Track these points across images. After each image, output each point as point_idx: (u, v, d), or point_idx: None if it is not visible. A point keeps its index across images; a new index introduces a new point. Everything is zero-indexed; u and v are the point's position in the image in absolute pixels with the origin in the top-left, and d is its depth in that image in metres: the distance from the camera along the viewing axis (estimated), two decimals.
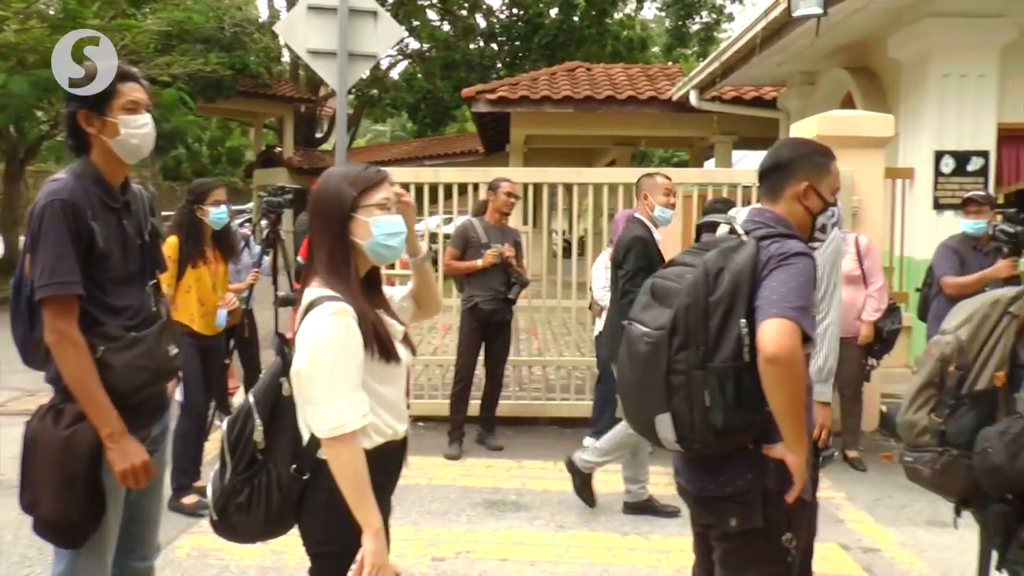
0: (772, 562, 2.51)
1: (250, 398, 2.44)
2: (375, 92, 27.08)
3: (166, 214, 7.91)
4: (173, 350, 2.85)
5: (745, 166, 14.53)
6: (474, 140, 22.51)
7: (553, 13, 24.55)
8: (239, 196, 28.97)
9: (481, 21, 26.66)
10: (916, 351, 7.99)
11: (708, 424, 2.38)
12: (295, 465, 2.35)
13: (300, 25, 7.11)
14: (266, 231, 6.81)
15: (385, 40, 7.42)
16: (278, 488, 2.36)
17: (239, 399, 2.54)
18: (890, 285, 7.20)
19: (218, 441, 2.50)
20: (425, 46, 27.03)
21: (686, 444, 2.45)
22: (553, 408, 7.54)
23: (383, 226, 2.42)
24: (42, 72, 12.47)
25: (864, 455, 6.47)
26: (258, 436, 2.38)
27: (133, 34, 14.76)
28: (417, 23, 25.90)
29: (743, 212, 2.76)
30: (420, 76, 27.34)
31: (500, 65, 25.46)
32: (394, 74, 28.84)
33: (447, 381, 7.27)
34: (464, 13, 26.73)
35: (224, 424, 2.47)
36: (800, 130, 7.46)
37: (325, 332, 2.27)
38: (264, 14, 26.86)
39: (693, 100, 13.50)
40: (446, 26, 27.10)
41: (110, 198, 2.76)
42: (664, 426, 2.45)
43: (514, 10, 25.34)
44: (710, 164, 18.03)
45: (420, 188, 7.43)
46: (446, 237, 7.23)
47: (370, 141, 43.70)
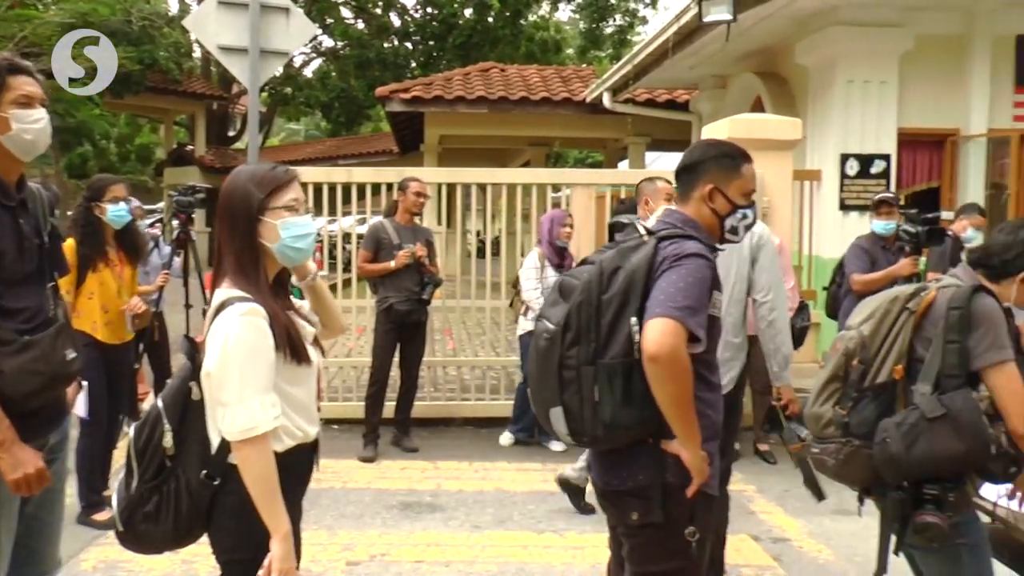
0: (675, 556, 2.56)
1: (159, 403, 2.38)
2: (288, 90, 26.67)
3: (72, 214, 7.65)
4: (70, 354, 2.71)
5: (659, 167, 14.73)
6: (389, 140, 22.35)
7: (468, 13, 24.53)
8: (149, 195, 28.21)
9: (395, 20, 26.48)
10: (824, 347, 8.21)
11: (597, 419, 2.44)
12: (205, 471, 2.30)
13: (210, 20, 6.95)
14: (177, 232, 6.63)
15: (297, 37, 7.32)
16: (188, 495, 2.31)
17: (149, 405, 2.46)
18: (799, 283, 7.39)
19: (126, 449, 2.43)
20: (339, 44, 26.72)
21: (577, 437, 2.52)
22: (468, 408, 7.53)
23: (291, 228, 2.39)
24: None
25: (774, 448, 6.64)
26: (167, 442, 2.32)
27: (34, 25, 14.24)
28: (331, 20, 25.55)
29: (657, 212, 2.81)
30: (334, 74, 27.03)
31: (414, 64, 25.34)
32: (308, 72, 28.46)
33: (362, 383, 7.20)
34: (378, 11, 26.51)
35: (131, 431, 2.40)
36: (711, 132, 7.60)
37: (236, 333, 2.24)
38: (174, 8, 26.22)
39: (607, 102, 13.63)
40: (360, 24, 26.84)
41: (4, 196, 2.63)
42: (557, 419, 2.51)
43: (428, 9, 25.23)
44: (624, 165, 18.22)
45: (333, 188, 7.36)
46: (359, 238, 7.16)
47: (284, 140, 43.00)
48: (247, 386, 2.22)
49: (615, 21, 26.34)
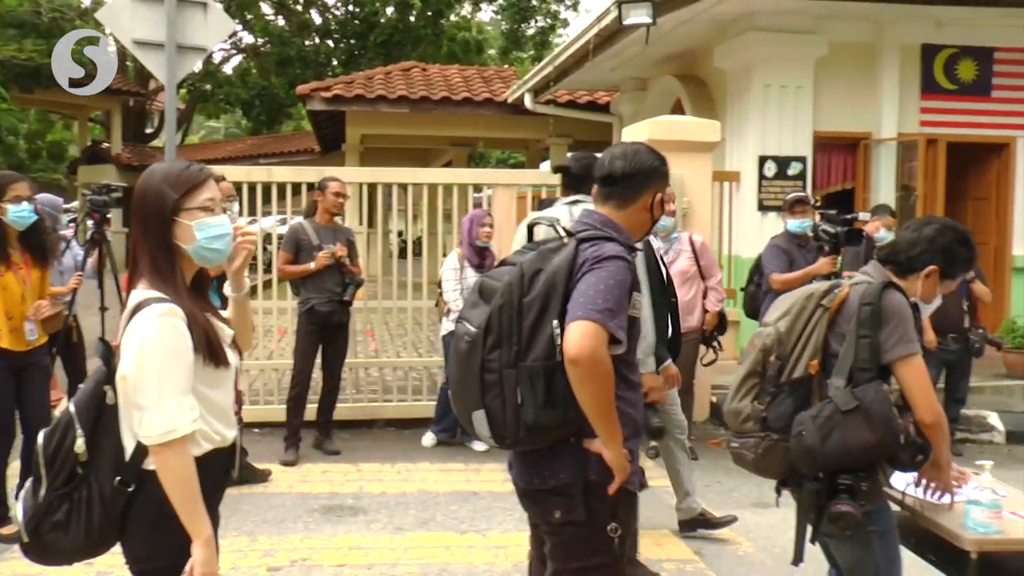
0: (598, 552, 2.58)
1: (71, 407, 2.31)
2: (208, 87, 26.12)
3: None
4: None
5: None
6: (310, 139, 22.07)
7: (389, 12, 24.38)
8: (63, 194, 27.28)
9: (317, 17, 26.18)
10: (743, 345, 8.38)
11: (520, 421, 2.44)
12: (119, 477, 2.24)
13: (125, 13, 6.75)
14: (91, 232, 6.44)
15: (216, 33, 7.17)
16: (100, 503, 2.24)
17: (60, 410, 2.38)
18: None
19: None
20: (259, 41, 26.30)
21: (500, 440, 2.52)
22: (391, 409, 7.49)
23: (207, 229, 2.34)
24: None
25: (695, 444, 6.73)
26: (79, 448, 2.25)
27: None
28: (251, 16, 25.13)
29: (573, 212, 2.81)
30: (255, 72, 26.58)
31: (336, 63, 25.07)
32: (227, 69, 27.94)
33: (283, 386, 7.10)
34: (299, 8, 26.17)
35: (40, 437, 2.32)
36: (631, 134, 7.69)
37: (153, 334, 2.19)
38: (87, 0, 25.45)
39: (528, 103, 13.69)
40: (281, 21, 26.46)
41: None
42: (479, 422, 2.51)
43: (350, 7, 25.01)
44: (546, 166, 18.30)
45: (253, 187, 7.24)
46: (280, 238, 7.06)
47: (204, 138, 42.12)
48: (165, 388, 2.17)
49: (537, 22, 26.49)
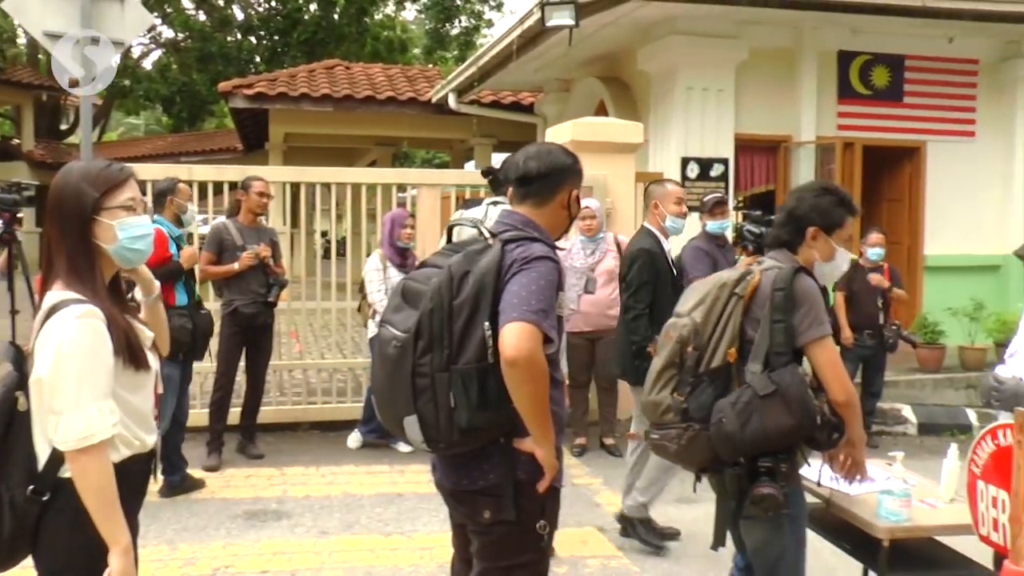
0: (526, 550, 2.60)
1: None
2: (127, 82, 25.47)
3: None
4: None
5: None
6: (233, 137, 21.71)
7: (312, 9, 24.11)
8: None
9: (239, 13, 25.75)
10: None
11: (453, 424, 2.44)
12: (32, 486, 2.18)
13: (34, 4, 6.52)
14: (0, 232, 6.22)
15: (133, 27, 6.97)
16: (12, 514, 2.18)
17: None
18: None
19: None
20: (180, 36, 25.75)
21: (433, 444, 2.51)
22: (315, 412, 7.42)
23: (129, 229, 2.30)
24: None
25: (620, 442, 6.83)
26: None
27: None
28: (171, 10, 24.59)
29: (493, 213, 2.82)
30: (175, 67, 26.03)
31: (259, 60, 24.70)
32: (147, 64, 27.29)
33: (206, 389, 6.97)
34: (221, 3, 25.70)
35: None
36: (555, 135, 7.74)
37: (71, 336, 2.13)
38: None
39: (452, 103, 13.66)
40: (202, 16, 25.94)
41: None
42: (411, 428, 2.49)
43: (272, 3, 24.66)
44: (470, 166, 18.32)
45: None
46: (202, 238, 6.92)
47: (122, 135, 40.92)
48: (84, 391, 2.12)
49: (461, 22, 26.45)
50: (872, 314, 7.26)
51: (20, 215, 6.10)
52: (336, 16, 23.91)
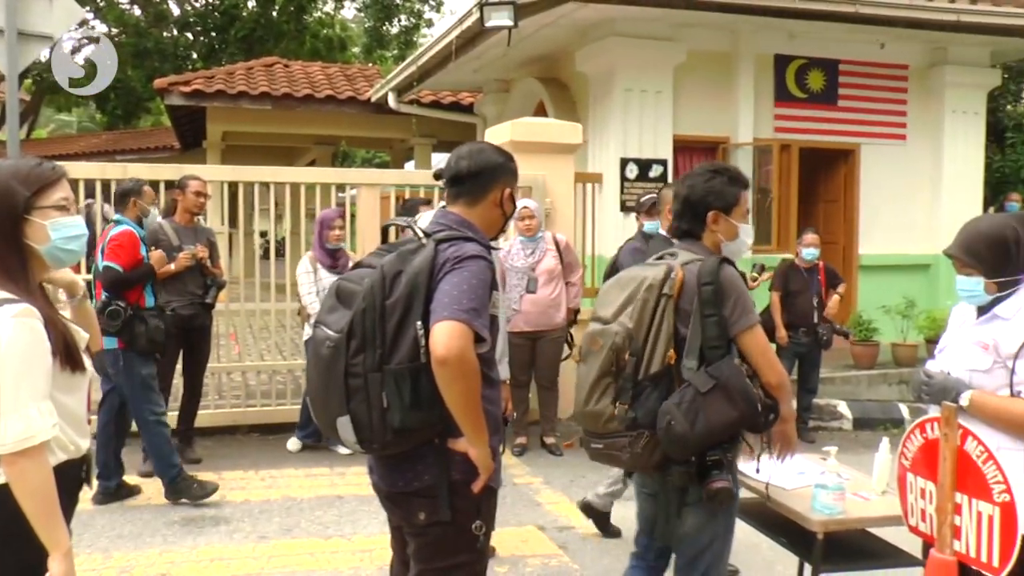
0: (463, 550, 2.60)
1: None
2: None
3: None
4: None
5: None
6: (170, 135, 21.29)
7: (251, 5, 23.78)
8: None
9: (175, 8, 25.28)
10: None
11: (386, 425, 2.43)
12: None
13: None
14: None
15: (62, 20, 6.79)
16: None
17: None
18: (583, 282, 7.67)
19: None
20: (113, 31, 25.17)
21: (366, 445, 2.50)
22: (254, 415, 7.33)
23: (62, 229, 2.26)
24: None
25: (560, 441, 6.86)
26: None
27: None
28: (104, 4, 24.04)
29: (428, 214, 2.82)
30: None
31: (196, 56, 24.27)
32: (79, 59, 26.64)
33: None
34: None
35: None
36: (494, 135, 7.75)
37: (8, 335, 2.08)
38: None
39: (392, 102, 13.59)
40: (137, 11, 25.41)
41: None
42: (345, 429, 2.48)
43: None
44: (411, 166, 18.25)
45: (107, 185, 6.94)
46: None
47: (53, 132, 39.85)
48: (22, 392, 2.07)
49: (400, 22, 26.29)
50: (807, 312, 7.45)
51: None
52: (275, 13, 23.60)
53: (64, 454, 2.23)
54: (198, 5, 24.76)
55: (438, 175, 2.84)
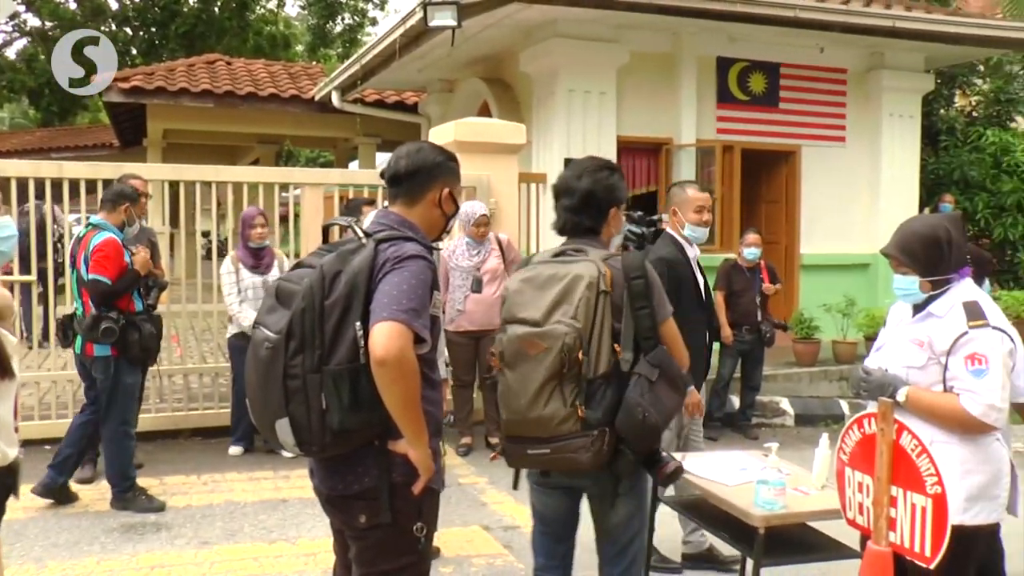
0: (404, 553, 2.59)
1: None
2: None
3: None
4: None
5: None
6: (109, 132, 20.86)
7: (192, 1, 23.43)
8: None
9: (113, 2, 24.80)
10: None
11: (325, 426, 2.41)
12: None
13: None
14: None
15: None
16: None
17: None
18: None
19: None
20: (47, 24, 24.60)
21: (305, 447, 2.48)
22: (196, 418, 7.22)
23: None
24: None
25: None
26: None
27: None
28: None
29: (371, 215, 2.80)
30: (43, 57, 24.86)
31: (135, 52, 23.85)
32: (11, 53, 25.99)
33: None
34: None
35: None
36: (438, 135, 7.73)
37: None
38: None
39: (335, 101, 13.50)
40: (73, 4, 24.87)
41: None
42: (283, 431, 2.46)
43: None
44: (355, 165, 18.14)
45: (41, 183, 6.79)
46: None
47: None
48: None
49: (344, 20, 26.14)
50: (750, 311, 7.59)
51: None
52: (216, 9, 23.32)
53: None
54: (138, 0, 24.31)
55: (383, 174, 2.82)
